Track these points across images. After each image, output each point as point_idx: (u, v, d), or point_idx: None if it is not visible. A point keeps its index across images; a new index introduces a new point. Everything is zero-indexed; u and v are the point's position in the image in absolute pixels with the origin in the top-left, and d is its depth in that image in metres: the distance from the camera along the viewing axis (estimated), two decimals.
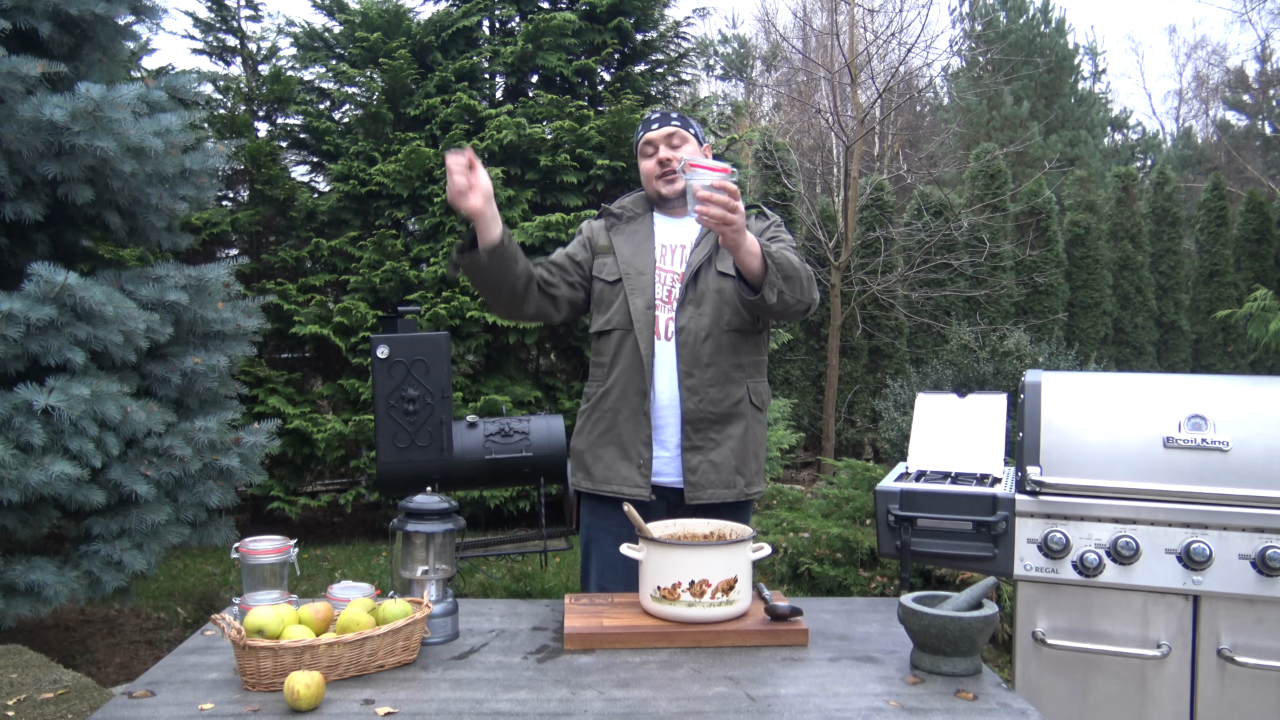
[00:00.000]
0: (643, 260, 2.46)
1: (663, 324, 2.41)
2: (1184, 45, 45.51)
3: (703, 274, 2.41)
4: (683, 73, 8.15)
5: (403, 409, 3.92)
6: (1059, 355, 6.91)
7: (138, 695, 1.63)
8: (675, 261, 2.46)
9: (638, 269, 2.45)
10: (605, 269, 2.49)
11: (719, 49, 20.85)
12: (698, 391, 2.37)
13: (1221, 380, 2.46)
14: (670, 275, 2.45)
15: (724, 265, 2.40)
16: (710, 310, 2.39)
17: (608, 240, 2.52)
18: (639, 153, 2.53)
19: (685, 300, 2.40)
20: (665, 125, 2.47)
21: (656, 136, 2.47)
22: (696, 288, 2.40)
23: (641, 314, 2.40)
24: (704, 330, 2.38)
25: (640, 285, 2.43)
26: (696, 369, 2.37)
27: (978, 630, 1.71)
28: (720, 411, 2.39)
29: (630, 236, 2.51)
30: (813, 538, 4.74)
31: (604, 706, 1.58)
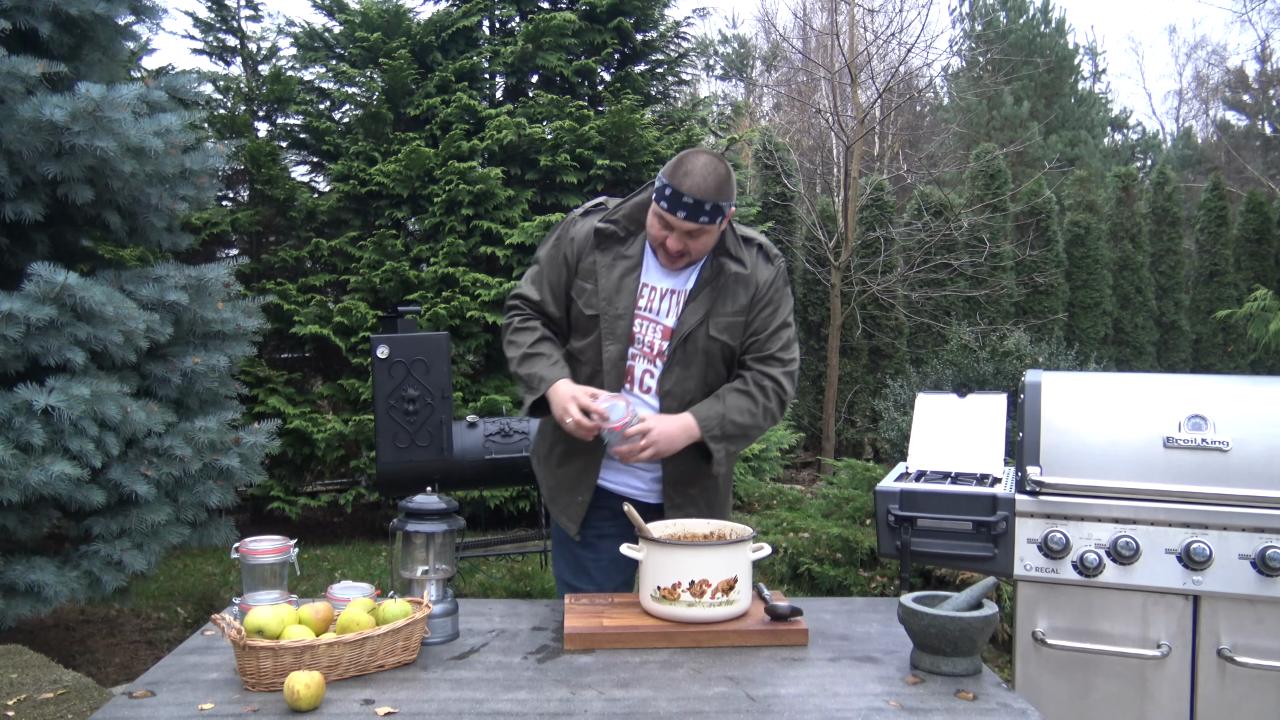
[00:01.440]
0: (624, 300, 2.21)
1: (638, 376, 2.23)
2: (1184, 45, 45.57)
3: (694, 335, 2.20)
4: (683, 73, 8.15)
5: (403, 409, 3.93)
6: (1059, 355, 6.91)
7: (138, 695, 1.63)
8: (661, 310, 2.22)
9: (617, 310, 2.20)
10: (583, 296, 2.24)
11: (719, 49, 20.85)
12: (680, 455, 2.20)
13: (1221, 380, 2.46)
14: (653, 326, 2.22)
15: (716, 328, 2.21)
16: (698, 373, 2.23)
17: (592, 261, 2.23)
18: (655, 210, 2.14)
19: (673, 361, 2.21)
20: (695, 219, 2.09)
21: (677, 224, 2.10)
22: (686, 349, 2.21)
23: (613, 364, 2.21)
24: (689, 395, 2.23)
25: (616, 331, 2.21)
26: None
27: (978, 630, 1.71)
28: (697, 467, 2.27)
29: (616, 264, 2.22)
30: (813, 538, 4.74)
31: (604, 706, 1.58)
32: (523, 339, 2.27)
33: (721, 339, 2.23)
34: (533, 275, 2.34)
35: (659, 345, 2.23)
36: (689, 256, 2.17)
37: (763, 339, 2.26)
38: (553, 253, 2.30)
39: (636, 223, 2.25)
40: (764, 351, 2.27)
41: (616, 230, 2.24)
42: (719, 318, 2.22)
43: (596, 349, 2.24)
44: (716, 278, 2.22)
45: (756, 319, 2.26)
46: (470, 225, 6.52)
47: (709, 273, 2.22)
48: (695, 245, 2.15)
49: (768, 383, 2.25)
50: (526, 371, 2.22)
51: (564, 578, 2.40)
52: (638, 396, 2.25)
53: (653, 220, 2.16)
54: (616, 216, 2.25)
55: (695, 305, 2.21)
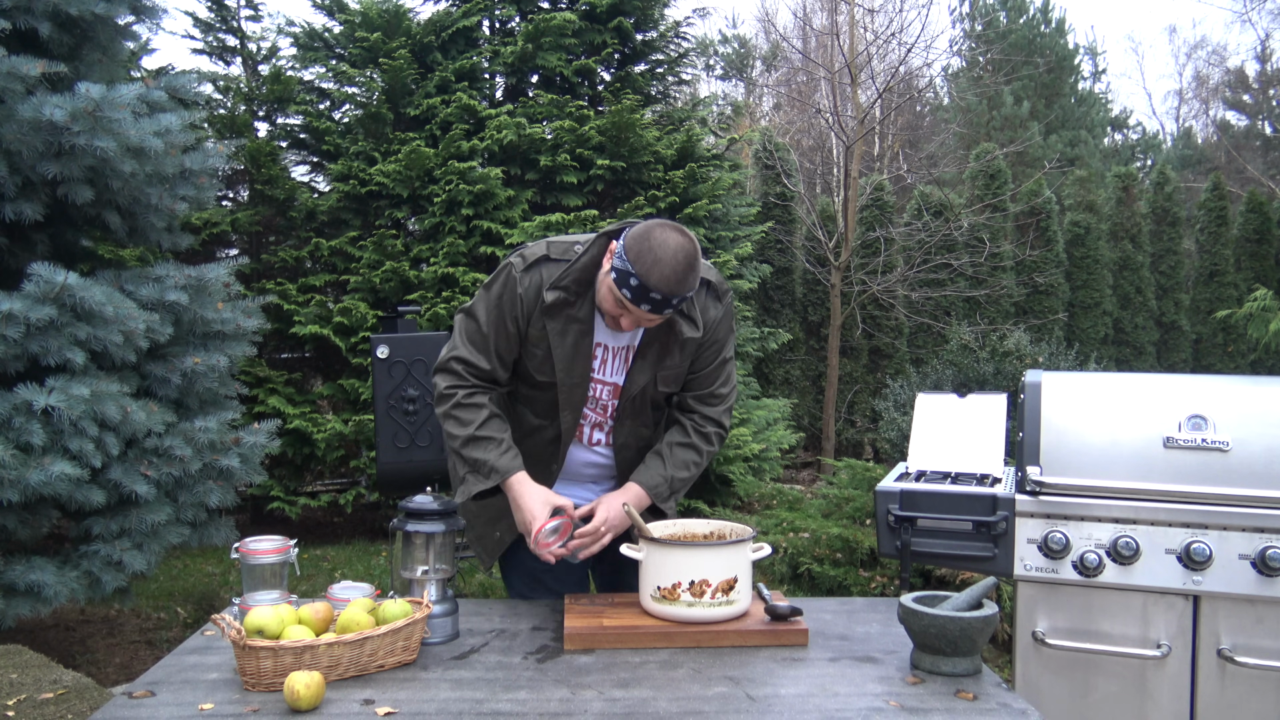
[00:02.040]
0: (579, 368, 2.12)
1: (588, 431, 2.21)
2: (1184, 45, 45.59)
3: (642, 395, 2.18)
4: (683, 73, 8.15)
5: (403, 409, 3.92)
6: (1059, 355, 6.91)
7: (138, 695, 1.63)
8: (610, 369, 2.16)
9: (573, 380, 2.12)
10: (534, 361, 2.13)
11: (719, 49, 20.85)
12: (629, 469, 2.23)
13: (1221, 380, 2.46)
14: (604, 387, 2.17)
15: (663, 383, 2.18)
16: (647, 419, 2.24)
17: (542, 327, 2.09)
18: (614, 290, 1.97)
19: (623, 416, 2.19)
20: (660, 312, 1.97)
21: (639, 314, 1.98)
22: (635, 404, 2.19)
23: (569, 427, 2.17)
24: (643, 440, 2.25)
25: (574, 399, 2.14)
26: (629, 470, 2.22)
27: (978, 630, 1.71)
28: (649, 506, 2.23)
29: (568, 328, 2.09)
30: (813, 538, 4.74)
31: (604, 706, 1.58)
32: (469, 417, 2.09)
33: (667, 390, 2.20)
34: (473, 337, 2.14)
35: (609, 404, 2.19)
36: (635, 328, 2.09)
37: (705, 376, 2.23)
38: (497, 315, 2.11)
39: (585, 284, 2.09)
40: (705, 389, 2.24)
41: (568, 297, 2.08)
42: (666, 370, 2.16)
43: (549, 409, 2.17)
44: (666, 335, 2.12)
45: (701, 358, 2.20)
46: (470, 225, 6.52)
47: (658, 330, 2.12)
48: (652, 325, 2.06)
49: (710, 428, 2.24)
50: (473, 456, 2.07)
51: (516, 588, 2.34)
52: (589, 449, 2.22)
53: (608, 296, 2.00)
54: (566, 283, 2.07)
55: (643, 364, 2.14)
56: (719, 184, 7.01)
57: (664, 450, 2.20)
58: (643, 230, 1.96)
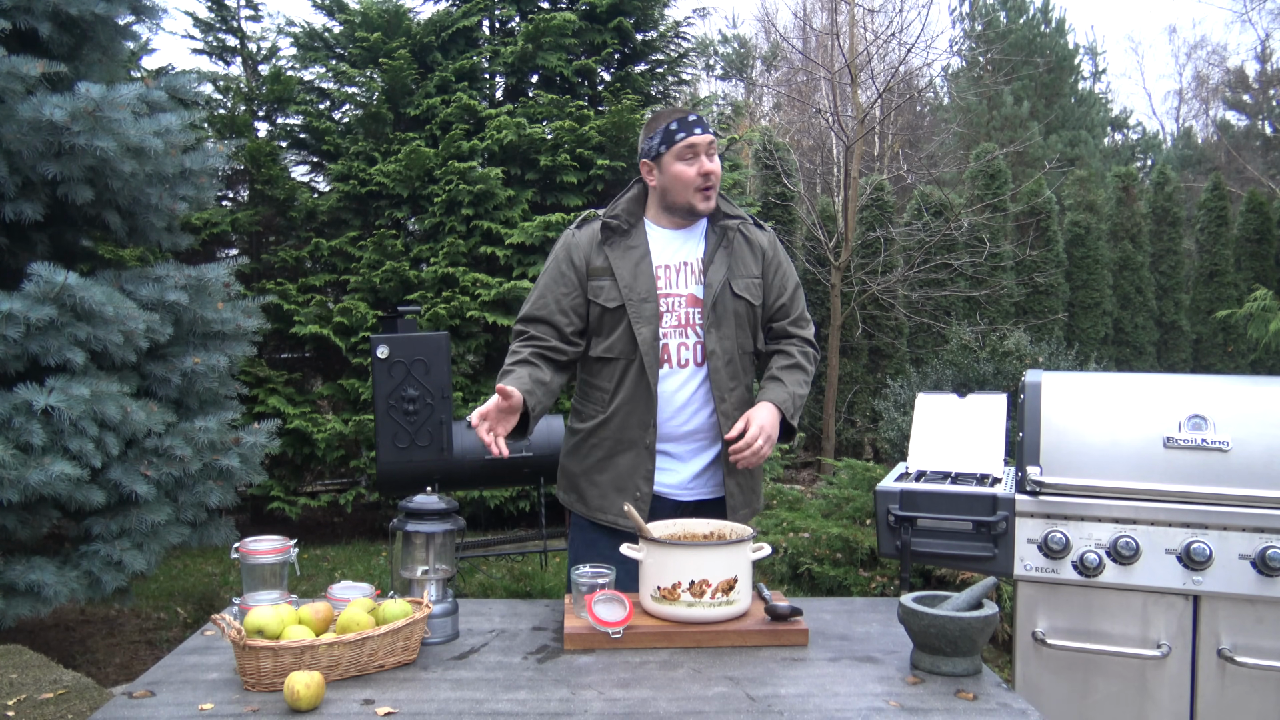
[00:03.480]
0: (644, 285, 2.29)
1: (674, 350, 2.31)
2: (1184, 45, 45.57)
3: (722, 296, 2.31)
4: (683, 73, 8.15)
5: (403, 409, 3.93)
6: (1059, 355, 6.91)
7: (138, 695, 1.63)
8: (681, 283, 2.32)
9: (640, 295, 2.28)
10: (603, 293, 2.30)
11: (719, 49, 20.85)
12: (730, 415, 2.30)
13: (1221, 380, 2.46)
14: (678, 299, 2.31)
15: (739, 287, 2.33)
16: (731, 334, 2.33)
17: (604, 260, 2.31)
18: (673, 153, 2.26)
19: (709, 324, 2.30)
20: (707, 132, 2.27)
21: (702, 142, 2.25)
22: (717, 311, 2.30)
23: (649, 345, 2.27)
24: (729, 354, 2.32)
25: (645, 314, 2.28)
26: (727, 393, 2.32)
27: (978, 630, 1.71)
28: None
29: (626, 254, 2.31)
30: (813, 538, 4.74)
31: (604, 706, 1.58)
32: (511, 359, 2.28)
33: (745, 297, 2.34)
34: (535, 296, 2.36)
35: (689, 316, 2.31)
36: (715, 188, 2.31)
37: (787, 302, 2.43)
38: (554, 269, 2.35)
39: (635, 215, 2.36)
40: (793, 314, 2.44)
41: (620, 224, 2.33)
42: (739, 278, 2.34)
43: (627, 338, 2.29)
44: (723, 239, 2.35)
45: (774, 281, 2.40)
46: (470, 225, 6.52)
47: (715, 237, 2.35)
48: (716, 168, 2.29)
49: (810, 349, 2.45)
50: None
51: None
52: (674, 372, 2.31)
53: (679, 166, 2.26)
54: (616, 212, 2.35)
55: (715, 267, 2.32)
56: None
57: (778, 374, 2.37)
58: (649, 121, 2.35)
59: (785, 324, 2.43)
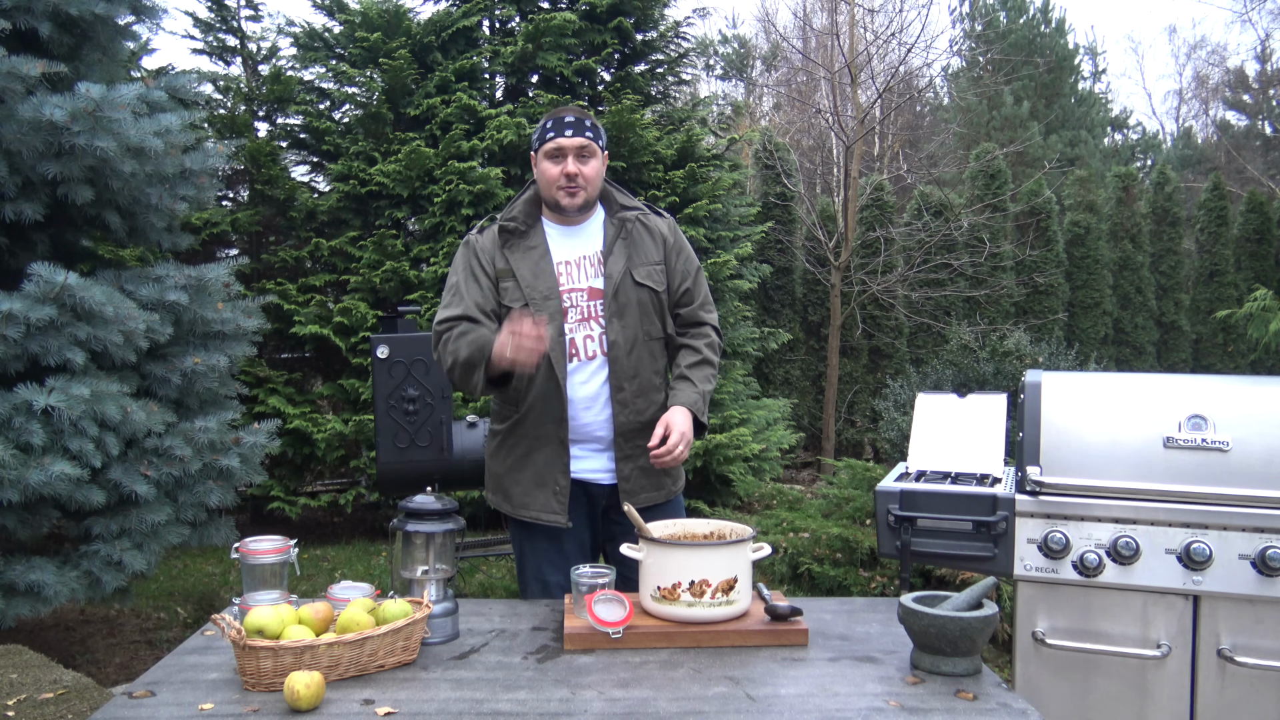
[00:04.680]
0: (545, 283, 2.35)
1: (580, 343, 2.35)
2: (1184, 45, 45.55)
3: (623, 286, 2.36)
4: (683, 73, 8.15)
5: (403, 409, 3.92)
6: (1059, 355, 6.91)
7: (138, 695, 1.63)
8: (581, 277, 2.38)
9: (542, 293, 2.33)
10: (508, 294, 2.36)
11: (719, 49, 20.84)
12: (627, 404, 2.36)
13: (1221, 380, 2.46)
14: (579, 293, 2.36)
15: (640, 275, 2.38)
16: (633, 322, 2.37)
17: (505, 261, 2.37)
18: (542, 152, 2.36)
19: (610, 314, 2.35)
20: (579, 135, 2.32)
21: (569, 146, 2.32)
22: (618, 300, 2.35)
23: (555, 341, 2.30)
24: (630, 343, 2.36)
25: (549, 310, 2.32)
26: (626, 382, 2.36)
27: (978, 630, 1.71)
28: (646, 420, 2.38)
29: (526, 254, 2.37)
30: (813, 538, 4.74)
31: (604, 706, 1.58)
32: (454, 341, 2.30)
33: (648, 284, 2.39)
34: (445, 302, 2.38)
35: (591, 309, 2.36)
36: (585, 189, 2.35)
37: (691, 286, 2.48)
38: (465, 273, 2.39)
39: (532, 216, 2.42)
40: (698, 298, 2.49)
41: (518, 225, 2.39)
42: (640, 266, 2.39)
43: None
44: (621, 229, 2.40)
45: (676, 265, 2.46)
46: (470, 225, 6.52)
47: (613, 230, 2.40)
48: (587, 170, 2.33)
49: (714, 337, 2.50)
50: (467, 353, 2.25)
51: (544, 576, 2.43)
52: (582, 366, 2.35)
53: (545, 164, 2.34)
54: (513, 214, 2.41)
55: (614, 258, 2.37)
56: (719, 184, 7.01)
57: (686, 373, 2.41)
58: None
59: (694, 308, 2.48)
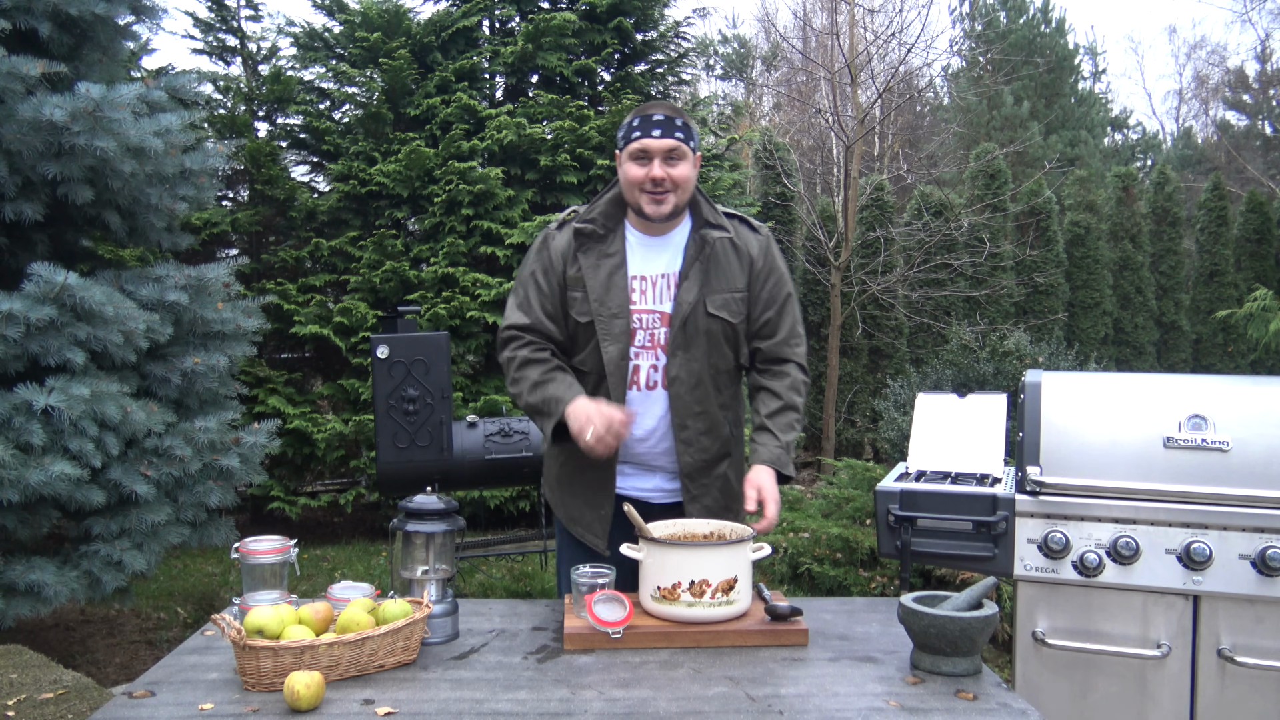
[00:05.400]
0: (616, 299, 2.16)
1: (644, 372, 2.18)
2: (1184, 45, 45.58)
3: (693, 317, 2.16)
4: (683, 73, 8.15)
5: (403, 409, 3.93)
6: (1059, 355, 6.91)
7: (138, 695, 1.63)
8: (654, 298, 2.18)
9: (611, 310, 2.15)
10: (575, 305, 2.18)
11: (719, 49, 20.84)
12: (692, 443, 2.20)
13: (1221, 380, 2.46)
14: (650, 316, 2.17)
15: (714, 305, 2.17)
16: (701, 355, 2.17)
17: (577, 268, 2.17)
18: (626, 152, 2.13)
19: (675, 346, 2.16)
20: (669, 136, 2.10)
21: (656, 147, 2.10)
22: (686, 331, 2.16)
23: (615, 365, 2.15)
24: (694, 377, 2.17)
25: (614, 331, 2.15)
26: (690, 420, 2.18)
27: (978, 630, 1.71)
28: (711, 456, 2.24)
29: (600, 264, 2.17)
30: (813, 538, 4.74)
31: (604, 706, 1.58)
32: (530, 373, 2.16)
33: (721, 316, 2.18)
34: (518, 302, 2.24)
35: (658, 336, 2.17)
36: (673, 194, 2.13)
37: (774, 316, 2.24)
38: (535, 271, 2.22)
39: (613, 219, 2.21)
40: (781, 330, 2.25)
41: (595, 229, 2.19)
42: (715, 294, 2.18)
43: (596, 355, 2.17)
44: (702, 251, 2.18)
45: (762, 293, 2.23)
46: (470, 225, 6.52)
47: (694, 248, 2.19)
48: (676, 174, 2.11)
49: (796, 375, 2.26)
50: (540, 398, 2.11)
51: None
52: (642, 395, 2.18)
53: (629, 166, 2.13)
54: (593, 215, 2.20)
55: (688, 284, 2.16)
56: (719, 184, 7.01)
57: (767, 424, 2.20)
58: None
59: (774, 344, 2.25)
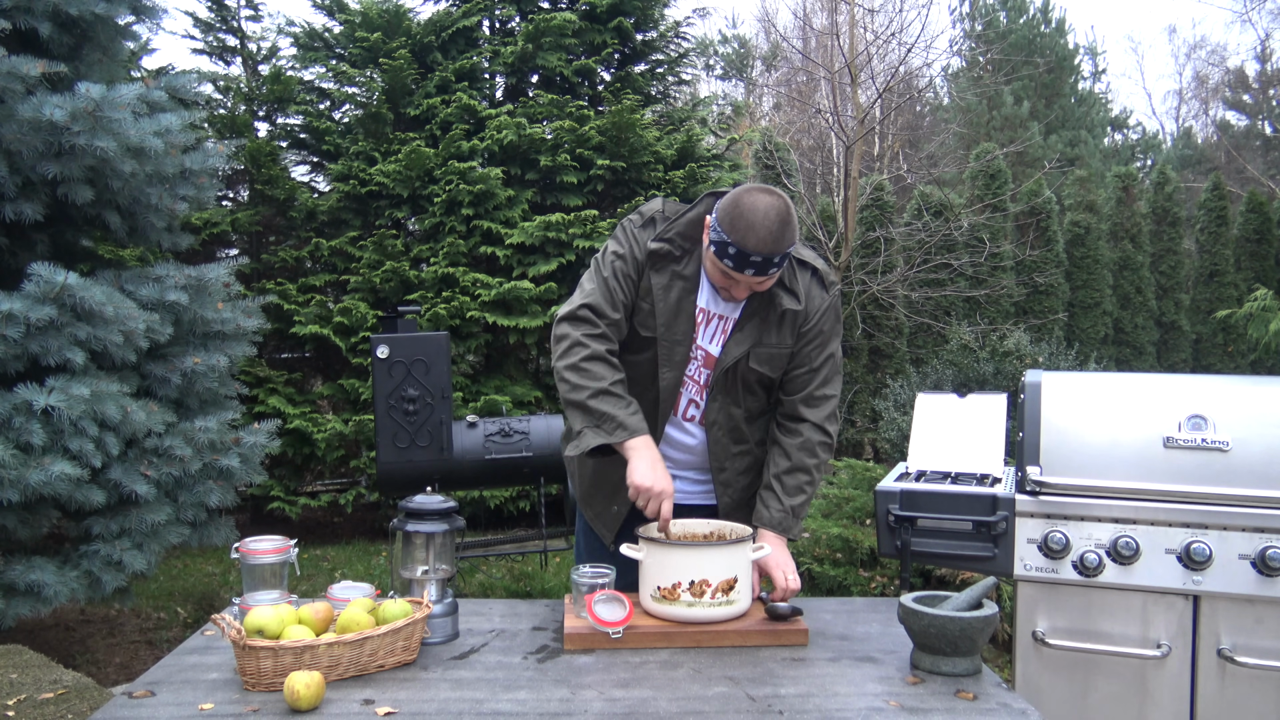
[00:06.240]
0: (682, 327, 2.11)
1: (683, 405, 2.17)
2: (1184, 45, 45.54)
3: (736, 369, 2.13)
4: (683, 73, 8.16)
5: (403, 409, 3.93)
6: (1059, 355, 6.91)
7: (138, 695, 1.63)
8: (710, 337, 2.14)
9: (675, 336, 2.11)
10: (639, 315, 2.13)
11: (719, 49, 20.85)
12: (730, 484, 2.21)
13: (1221, 380, 2.46)
14: (703, 352, 2.14)
15: (757, 360, 2.12)
16: (738, 399, 2.16)
17: (648, 281, 2.11)
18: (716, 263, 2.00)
19: (716, 391, 2.14)
20: (764, 273, 1.97)
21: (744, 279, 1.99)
22: (727, 379, 2.14)
23: (669, 391, 2.14)
24: (732, 421, 2.17)
25: (674, 358, 2.12)
26: (728, 461, 2.19)
27: (978, 630, 1.71)
28: (750, 495, 2.23)
29: (672, 285, 2.10)
30: (813, 538, 4.74)
31: (604, 706, 1.58)
32: (602, 371, 2.05)
33: (761, 370, 2.13)
34: (600, 286, 2.12)
35: (703, 376, 2.15)
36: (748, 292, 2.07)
37: (808, 371, 2.16)
38: (619, 264, 2.12)
39: (691, 240, 2.11)
40: (807, 387, 2.16)
41: (671, 250, 2.10)
42: (763, 348, 2.12)
43: (649, 371, 2.15)
44: (767, 309, 2.11)
45: (802, 351, 2.15)
46: (470, 225, 6.52)
47: (758, 303, 2.11)
48: (760, 288, 2.04)
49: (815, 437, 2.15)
50: (601, 409, 2.02)
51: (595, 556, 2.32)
52: (679, 423, 2.18)
53: (713, 269, 2.04)
54: (670, 235, 2.10)
55: (741, 336, 2.11)
56: (719, 184, 7.01)
57: (773, 482, 2.14)
58: (733, 198, 1.96)
59: (794, 400, 2.17)
